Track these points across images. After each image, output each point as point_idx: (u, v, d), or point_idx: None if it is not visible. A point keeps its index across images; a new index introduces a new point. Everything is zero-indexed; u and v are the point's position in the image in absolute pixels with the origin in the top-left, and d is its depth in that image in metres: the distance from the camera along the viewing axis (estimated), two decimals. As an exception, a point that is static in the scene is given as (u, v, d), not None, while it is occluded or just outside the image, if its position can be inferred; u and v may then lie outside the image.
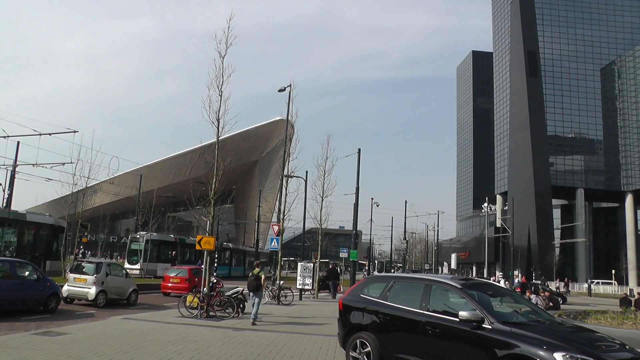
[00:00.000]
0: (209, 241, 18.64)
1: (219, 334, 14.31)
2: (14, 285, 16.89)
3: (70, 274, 22.42)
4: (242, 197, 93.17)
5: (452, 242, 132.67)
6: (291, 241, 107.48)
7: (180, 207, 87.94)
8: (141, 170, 73.29)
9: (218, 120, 18.55)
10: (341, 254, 44.88)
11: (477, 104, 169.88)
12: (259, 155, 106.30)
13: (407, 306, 9.19)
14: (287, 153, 29.41)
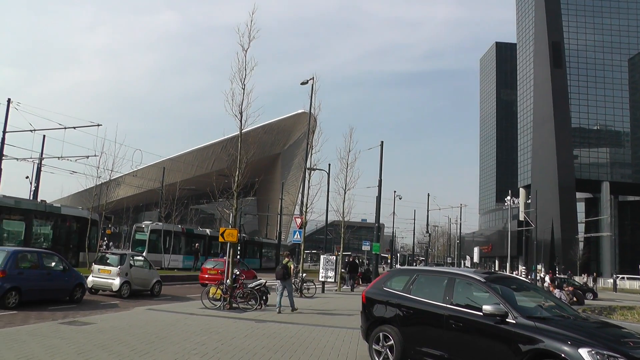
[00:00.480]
0: (232, 233, 18.74)
1: (242, 325, 14.40)
2: (42, 275, 17.34)
3: (94, 265, 22.82)
4: (265, 189, 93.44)
5: (474, 236, 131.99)
6: (314, 234, 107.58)
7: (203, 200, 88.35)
8: (164, 163, 73.75)
9: (241, 113, 18.62)
10: (363, 247, 44.81)
11: (500, 96, 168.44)
12: (281, 148, 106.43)
13: (430, 300, 9.14)
14: (309, 146, 29.45)
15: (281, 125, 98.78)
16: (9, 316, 14.61)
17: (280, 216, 63.91)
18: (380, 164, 35.81)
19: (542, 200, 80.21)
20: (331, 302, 24.14)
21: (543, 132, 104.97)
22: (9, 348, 9.65)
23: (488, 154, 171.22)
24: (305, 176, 29.07)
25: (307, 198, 28.02)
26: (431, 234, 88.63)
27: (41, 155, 40.48)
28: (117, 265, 21.68)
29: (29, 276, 16.79)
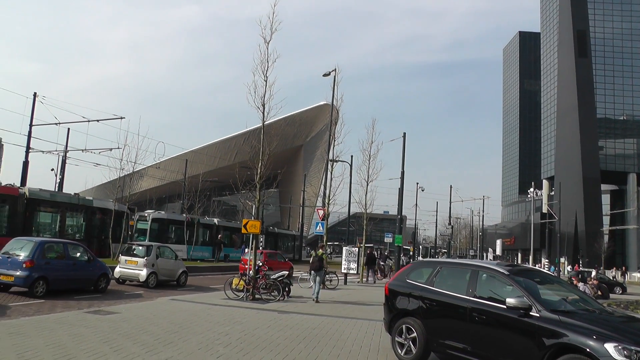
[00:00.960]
0: (254, 225, 18.85)
1: (265, 316, 14.50)
2: (67, 265, 17.82)
3: (121, 256, 23.40)
4: (287, 181, 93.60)
5: (497, 228, 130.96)
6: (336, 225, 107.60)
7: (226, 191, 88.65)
8: (187, 155, 74.23)
9: (263, 105, 18.66)
10: (386, 239, 44.71)
11: (523, 86, 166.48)
12: (303, 140, 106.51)
13: (453, 292, 9.10)
14: (332, 137, 29.43)
15: (303, 117, 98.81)
16: (37, 304, 14.90)
17: (302, 208, 64.06)
18: (402, 156, 35.68)
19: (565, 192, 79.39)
20: (354, 294, 24.19)
21: (567, 123, 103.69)
22: (39, 335, 9.85)
23: (511, 145, 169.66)
24: (327, 168, 29.08)
25: (329, 190, 28.05)
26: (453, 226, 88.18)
27: (66, 148, 41.01)
28: (144, 257, 22.17)
29: (56, 266, 17.25)
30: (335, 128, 28.93)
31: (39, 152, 39.77)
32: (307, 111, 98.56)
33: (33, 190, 29.50)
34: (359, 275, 33.38)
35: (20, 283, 16.27)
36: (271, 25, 18.80)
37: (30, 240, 17.82)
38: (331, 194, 27.96)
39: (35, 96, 33.99)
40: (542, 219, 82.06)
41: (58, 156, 43.47)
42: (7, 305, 14.61)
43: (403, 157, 35.54)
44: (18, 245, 17.43)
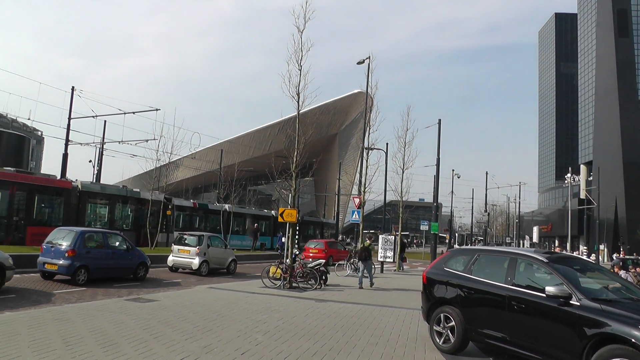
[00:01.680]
0: (291, 214, 18.94)
1: (302, 304, 14.59)
2: (107, 254, 18.57)
3: (174, 245, 24.65)
4: (322, 170, 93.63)
5: (533, 215, 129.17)
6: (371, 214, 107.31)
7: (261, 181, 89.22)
8: (222, 145, 74.74)
9: (298, 94, 18.73)
10: (422, 227, 44.64)
11: (560, 69, 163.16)
12: (338, 128, 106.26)
13: (491, 280, 9.02)
14: (367, 125, 29.37)
15: (338, 106, 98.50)
16: (79, 292, 15.29)
17: (338, 196, 63.98)
18: (438, 143, 35.41)
19: (605, 177, 77.82)
20: (390, 282, 24.18)
21: (606, 106, 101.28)
22: (82, 321, 10.10)
23: (547, 130, 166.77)
24: (362, 156, 29.04)
25: (365, 178, 28.04)
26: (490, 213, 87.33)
27: (103, 140, 41.72)
28: (196, 246, 23.57)
29: (96, 255, 17.99)
30: (370, 116, 28.87)
31: (77, 144, 40.63)
32: (342, 99, 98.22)
33: (85, 184, 31.02)
34: (395, 264, 33.31)
35: (64, 271, 17.01)
36: (304, 14, 18.85)
37: (72, 230, 18.41)
38: (367, 182, 27.98)
39: (73, 90, 34.62)
40: (580, 205, 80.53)
41: (95, 148, 44.32)
42: (52, 292, 15.01)
43: (438, 144, 35.29)
44: (60, 235, 18.10)
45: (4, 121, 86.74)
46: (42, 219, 28.17)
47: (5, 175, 26.06)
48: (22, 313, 11.03)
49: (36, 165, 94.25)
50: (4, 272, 14.30)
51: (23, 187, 26.79)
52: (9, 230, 26.29)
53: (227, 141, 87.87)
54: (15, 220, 26.68)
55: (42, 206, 28.62)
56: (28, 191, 27.08)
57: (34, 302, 13.19)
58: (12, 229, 26.42)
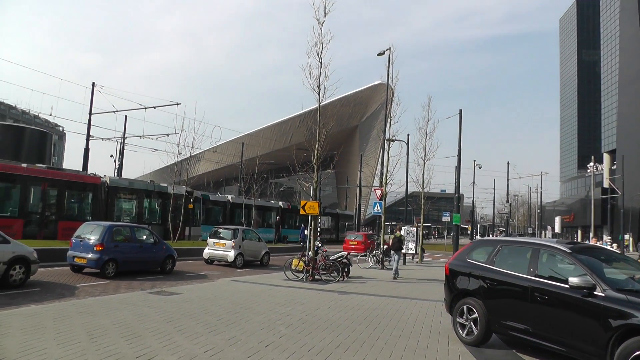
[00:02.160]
0: (313, 206, 19.00)
1: (325, 297, 14.65)
2: (134, 247, 19.06)
3: (209, 238, 25.71)
4: (343, 162, 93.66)
5: (555, 205, 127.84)
6: (393, 205, 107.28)
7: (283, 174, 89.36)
8: (243, 139, 74.98)
9: (319, 86, 18.73)
10: (443, 218, 44.43)
11: (581, 57, 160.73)
12: (359, 120, 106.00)
13: (514, 271, 8.98)
14: (388, 116, 29.31)
15: (358, 97, 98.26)
16: (102, 285, 15.53)
17: (359, 188, 63.87)
18: (459, 133, 35.16)
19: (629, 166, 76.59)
20: (412, 274, 24.19)
21: (630, 93, 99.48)
22: (106, 315, 10.25)
23: (569, 119, 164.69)
24: (384, 147, 28.99)
25: (386, 169, 27.98)
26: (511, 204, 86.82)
27: (124, 135, 42.07)
28: (231, 239, 24.64)
29: (124, 248, 18.51)
30: (390, 107, 28.77)
31: (99, 139, 41.02)
32: (362, 91, 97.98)
33: (113, 179, 32.01)
34: (417, 255, 33.30)
35: (92, 265, 17.61)
36: (324, 7, 18.83)
37: (99, 224, 18.93)
38: (388, 173, 27.91)
39: (94, 86, 35.00)
40: (604, 195, 79.23)
41: (116, 143, 44.68)
42: (76, 285, 15.24)
43: (460, 135, 35.04)
44: (88, 229, 18.71)
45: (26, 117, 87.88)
46: (72, 213, 28.87)
47: (38, 172, 26.79)
48: (47, 306, 11.21)
49: (58, 160, 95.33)
50: (29, 266, 14.63)
51: (54, 183, 27.58)
52: (42, 225, 26.99)
53: (248, 134, 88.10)
54: (47, 215, 27.41)
55: (72, 201, 29.33)
56: (59, 187, 27.85)
57: (59, 295, 13.39)
58: (44, 224, 27.13)
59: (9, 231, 23.81)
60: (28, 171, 26.25)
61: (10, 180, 25.73)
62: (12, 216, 25.79)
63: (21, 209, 26.21)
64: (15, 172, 25.71)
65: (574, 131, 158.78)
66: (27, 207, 26.69)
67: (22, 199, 26.35)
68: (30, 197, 26.92)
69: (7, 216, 25.60)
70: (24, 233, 25.60)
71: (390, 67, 28.45)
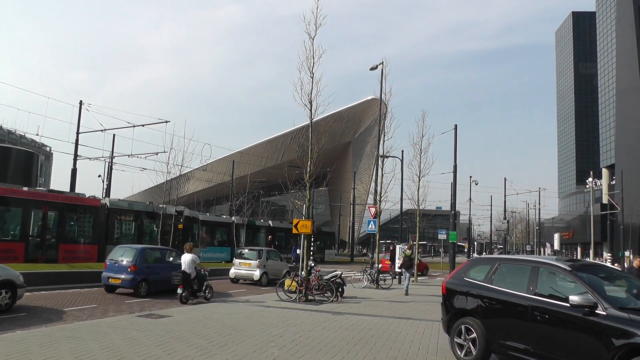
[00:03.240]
0: (305, 225, 18.94)
1: (319, 317, 14.56)
2: (164, 268, 20.71)
3: (235, 259, 28.31)
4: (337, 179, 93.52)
5: (554, 221, 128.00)
6: (388, 223, 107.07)
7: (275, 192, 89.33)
8: (234, 157, 74.97)
9: (310, 102, 18.74)
10: (440, 236, 44.40)
11: (578, 70, 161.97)
12: (352, 136, 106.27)
13: (513, 290, 8.94)
14: (381, 132, 29.30)
15: (351, 113, 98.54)
16: (90, 309, 15.36)
17: (353, 206, 63.87)
18: (454, 149, 35.29)
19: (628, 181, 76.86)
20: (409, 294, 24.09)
21: (628, 106, 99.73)
22: (94, 339, 10.05)
23: (567, 133, 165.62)
24: (377, 164, 28.98)
25: (380, 187, 27.96)
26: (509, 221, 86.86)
27: (112, 154, 42.01)
28: (257, 259, 27.08)
29: (155, 269, 20.46)
30: (384, 123, 28.78)
31: (86, 159, 40.88)
32: (355, 106, 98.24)
33: (113, 201, 32.69)
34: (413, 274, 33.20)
35: (127, 285, 19.52)
36: (315, 21, 18.88)
37: (132, 247, 21.18)
38: (382, 190, 27.88)
39: (81, 104, 35.01)
40: (603, 210, 79.31)
41: (105, 162, 44.56)
42: (63, 310, 15.06)
43: (455, 150, 35.22)
44: (121, 251, 20.72)
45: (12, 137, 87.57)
46: (73, 236, 29.42)
47: (39, 195, 27.35)
48: (34, 331, 11.09)
49: (45, 181, 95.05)
50: (16, 291, 14.53)
51: (55, 206, 28.01)
52: (43, 248, 27.26)
53: (239, 152, 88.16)
54: (48, 238, 27.77)
55: (72, 224, 29.70)
56: (59, 210, 28.28)
57: (46, 320, 13.26)
58: (46, 247, 27.42)
59: (11, 255, 24.89)
60: (29, 195, 26.77)
61: (11, 204, 26.24)
62: (13, 240, 26.19)
63: (22, 233, 26.55)
64: (17, 196, 26.23)
65: (572, 146, 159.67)
66: (28, 230, 27.02)
67: (24, 223, 26.75)
68: (31, 221, 27.22)
69: (8, 240, 26.00)
70: (26, 256, 25.97)
71: (384, 82, 28.54)
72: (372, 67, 29.35)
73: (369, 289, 25.08)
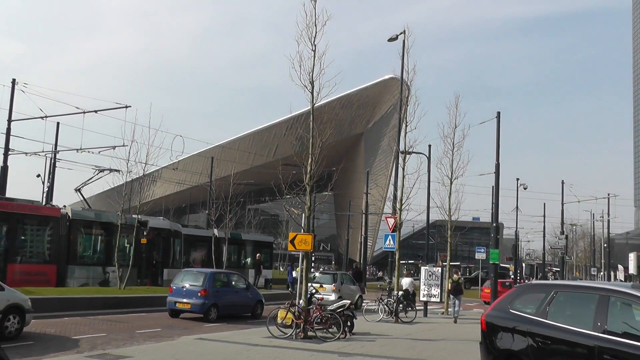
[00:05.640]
0: (305, 240, 18.81)
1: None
2: (231, 293, 25.36)
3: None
4: (345, 181, 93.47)
5: (628, 237, 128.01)
6: (410, 238, 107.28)
7: (265, 197, 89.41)
8: (213, 152, 75.01)
9: (312, 82, 18.67)
10: (477, 255, 44.42)
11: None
12: (364, 127, 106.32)
13: (574, 326, 8.90)
14: (402, 122, 29.18)
15: (363, 97, 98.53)
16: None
17: (365, 216, 63.79)
18: (497, 143, 34.99)
19: None
20: (437, 330, 24.04)
21: None
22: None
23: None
24: (398, 162, 28.90)
25: (401, 191, 27.82)
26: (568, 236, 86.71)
27: (55, 148, 41.86)
28: (332, 283, 31.64)
29: (223, 294, 24.66)
30: (406, 109, 28.67)
31: (21, 154, 40.67)
32: (368, 88, 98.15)
33: (76, 211, 32.98)
34: (443, 305, 33.09)
35: (197, 310, 23.51)
36: (319, -23, 18.80)
37: (200, 271, 25.94)
38: (404, 196, 27.76)
39: (15, 83, 34.89)
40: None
41: (45, 158, 44.41)
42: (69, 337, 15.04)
43: (497, 145, 34.90)
44: (189, 276, 25.12)
45: None
46: (25, 255, 29.71)
47: None
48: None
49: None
50: (24, 316, 16.30)
51: (1, 218, 28.07)
52: None
53: (220, 146, 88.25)
54: None
55: (24, 239, 29.94)
56: (7, 222, 28.44)
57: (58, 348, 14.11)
58: None
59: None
60: None
61: None
62: None
63: None
64: None
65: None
66: None
67: None
68: None
69: None
70: None
71: (406, 57, 28.41)
72: (392, 37, 29.34)
73: (386, 323, 25.01)
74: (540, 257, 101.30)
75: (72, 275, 30.78)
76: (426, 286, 30.97)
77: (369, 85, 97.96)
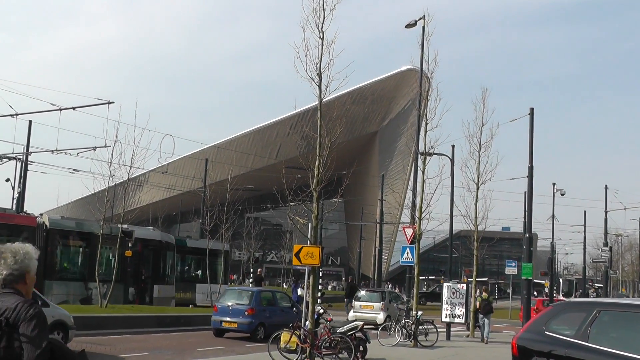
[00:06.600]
0: (312, 253, 18.78)
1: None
2: (277, 311, 27.52)
3: (355, 301, 36.74)
4: (356, 187, 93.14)
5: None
6: (431, 250, 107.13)
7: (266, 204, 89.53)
8: (207, 153, 75.04)
9: (319, 74, 18.68)
10: (508, 269, 44.33)
11: None
12: (379, 124, 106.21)
13: (620, 350, 8.82)
14: (422, 119, 29.18)
15: (378, 91, 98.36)
16: None
17: (380, 226, 63.79)
18: (530, 143, 34.81)
19: None
20: (461, 355, 24.00)
21: None
22: None
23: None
24: (417, 165, 28.90)
25: (420, 198, 27.81)
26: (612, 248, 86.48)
27: (27, 149, 41.86)
28: (380, 301, 35.31)
29: (269, 313, 26.87)
30: (426, 105, 28.65)
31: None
32: (384, 81, 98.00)
33: (54, 219, 33.51)
34: (467, 326, 33.01)
35: (244, 329, 25.78)
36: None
37: (247, 289, 30.03)
38: (424, 203, 27.74)
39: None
40: None
41: (16, 161, 44.47)
42: None
43: (531, 146, 34.74)
44: (234, 294, 28.16)
45: None
46: None
47: None
48: None
49: None
50: (68, 332, 18.04)
51: None
52: None
53: (215, 147, 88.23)
54: None
55: None
56: None
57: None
58: None
59: None
60: None
61: None
62: None
63: None
64: None
65: None
66: None
67: None
68: None
69: None
70: None
71: (425, 45, 28.39)
72: (410, 23, 29.43)
73: (404, 347, 24.98)
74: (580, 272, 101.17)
75: (50, 292, 30.48)
76: (449, 305, 30.93)
77: (384, 78, 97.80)
